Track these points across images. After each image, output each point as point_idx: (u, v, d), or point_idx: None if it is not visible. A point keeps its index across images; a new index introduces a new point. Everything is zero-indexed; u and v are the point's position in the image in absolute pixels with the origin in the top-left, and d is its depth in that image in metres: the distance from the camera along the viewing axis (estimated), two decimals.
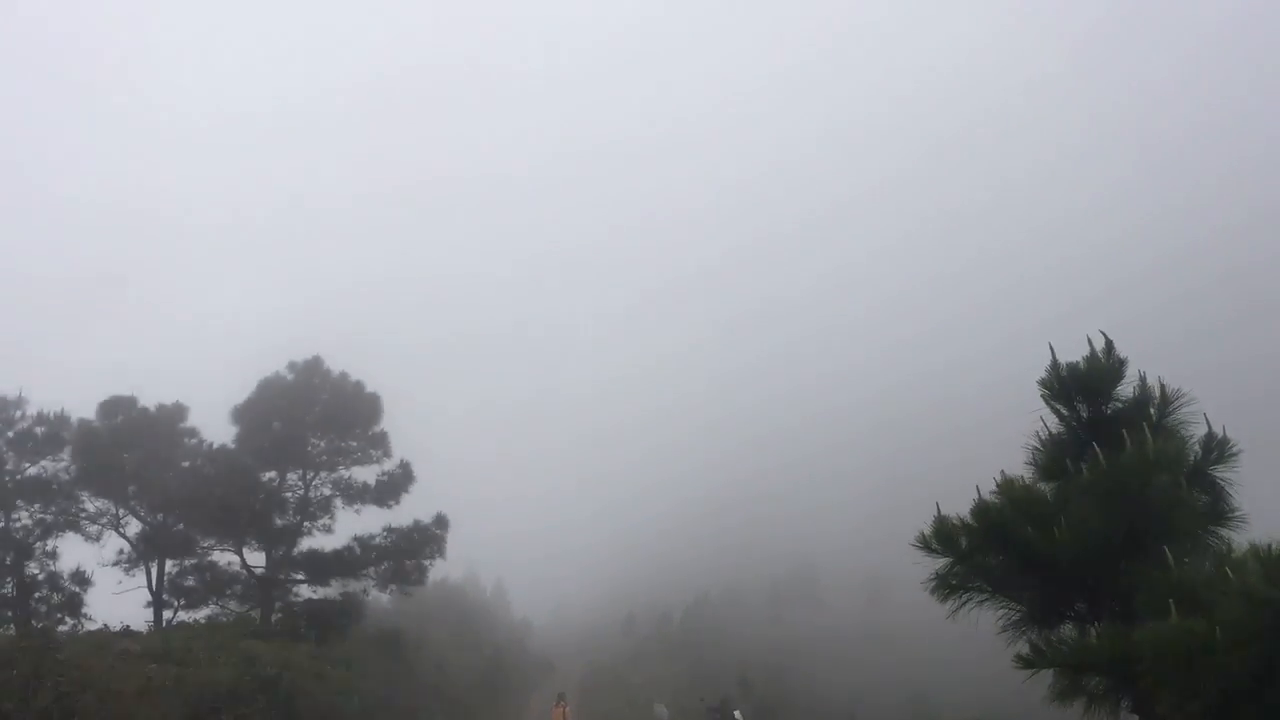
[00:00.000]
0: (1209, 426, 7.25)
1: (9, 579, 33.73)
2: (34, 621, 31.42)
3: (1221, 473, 7.25)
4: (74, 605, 33.29)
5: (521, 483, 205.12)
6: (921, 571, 7.71)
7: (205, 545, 38.64)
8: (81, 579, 34.17)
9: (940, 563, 7.52)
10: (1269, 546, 5.84)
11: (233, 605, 38.85)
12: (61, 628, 30.97)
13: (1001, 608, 7.40)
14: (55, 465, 37.25)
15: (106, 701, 16.53)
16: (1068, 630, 7.17)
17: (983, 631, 7.77)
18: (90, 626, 31.79)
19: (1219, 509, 7.18)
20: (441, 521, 39.76)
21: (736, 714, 28.00)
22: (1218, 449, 7.22)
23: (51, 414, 37.53)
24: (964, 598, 7.46)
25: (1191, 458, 7.19)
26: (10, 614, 32.89)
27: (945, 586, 7.48)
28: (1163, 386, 7.41)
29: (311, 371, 40.38)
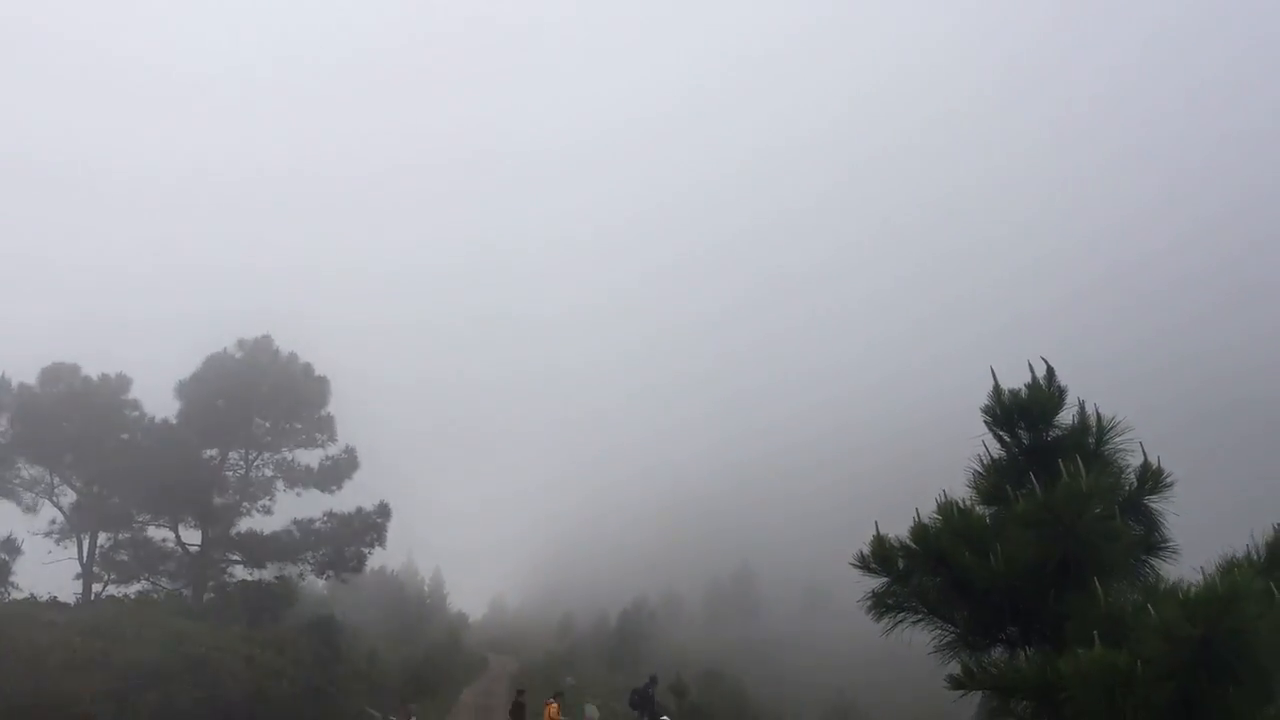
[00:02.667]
0: (1145, 456, 7.39)
1: None
2: None
3: (1155, 502, 7.40)
4: (1, 573, 32.72)
5: (463, 477, 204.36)
6: (859, 583, 7.80)
7: (140, 520, 38.17)
8: (11, 546, 33.61)
9: (877, 582, 7.61)
10: (1188, 587, 5.99)
11: (164, 582, 38.38)
12: None
13: (935, 629, 7.49)
14: None
15: (30, 672, 16.27)
16: (999, 654, 7.28)
17: (916, 650, 7.88)
18: (17, 595, 31.25)
19: (1151, 540, 7.32)
20: (384, 510, 39.61)
21: (665, 719, 28.04)
22: (1152, 479, 7.35)
23: None
24: (899, 617, 7.54)
25: (1126, 487, 7.33)
26: None
27: (881, 605, 7.56)
28: (1099, 416, 7.55)
29: (260, 350, 40.00)
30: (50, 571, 35.92)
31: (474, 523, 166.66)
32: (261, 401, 39.17)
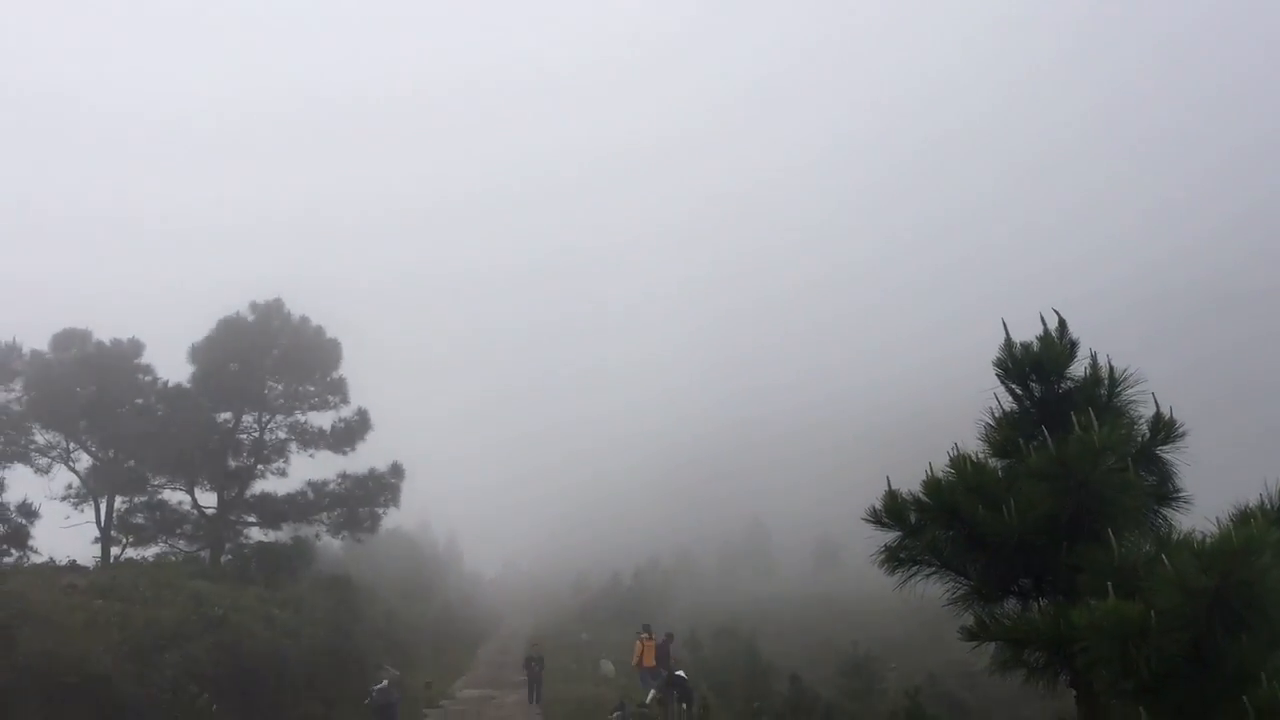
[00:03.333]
0: (1157, 407, 7.37)
1: None
2: None
3: (1168, 453, 7.39)
4: (20, 537, 32.95)
5: (478, 435, 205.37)
6: (871, 540, 7.82)
7: (156, 483, 38.40)
8: (29, 511, 33.80)
9: (890, 536, 7.63)
10: (1203, 537, 5.98)
11: (182, 545, 38.68)
12: (6, 559, 30.70)
13: (948, 582, 7.52)
14: (6, 395, 36.75)
15: (50, 634, 16.45)
16: (1011, 605, 7.31)
17: (929, 604, 7.91)
18: (36, 559, 31.51)
19: (1164, 490, 7.32)
20: (397, 470, 39.76)
21: (680, 673, 28.24)
22: (1164, 430, 7.34)
23: (3, 342, 36.95)
24: (912, 571, 7.57)
25: (1139, 439, 7.31)
26: None
27: (894, 560, 7.59)
28: (1111, 367, 7.52)
29: (272, 313, 40.01)
30: (69, 535, 36.24)
31: (488, 483, 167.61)
32: (274, 364, 39.25)
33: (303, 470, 39.52)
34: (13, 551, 32.34)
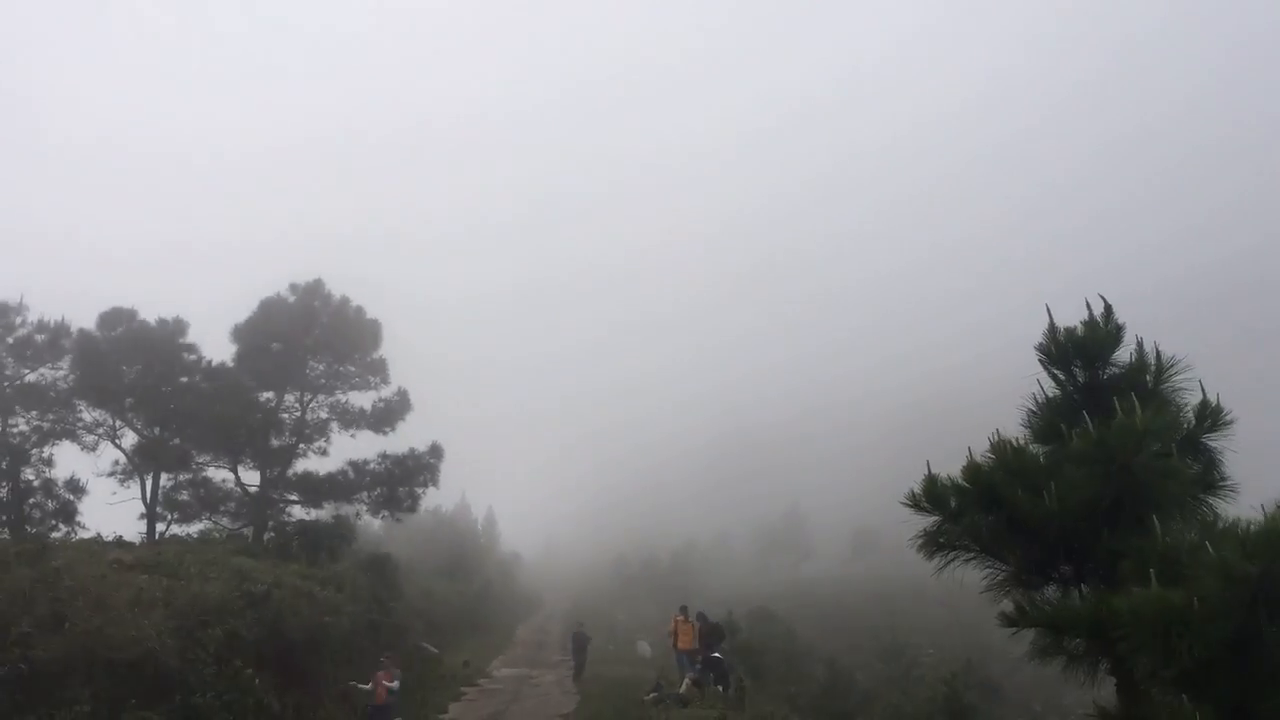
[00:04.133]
0: (1204, 394, 7.26)
1: (4, 484, 33.90)
2: (28, 527, 31.70)
3: (1214, 440, 7.28)
4: (68, 513, 33.50)
5: (518, 418, 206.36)
6: (908, 526, 7.78)
7: (200, 461, 38.86)
8: (76, 487, 34.35)
9: (929, 521, 7.57)
10: (1248, 525, 5.90)
11: (225, 522, 39.18)
12: (55, 535, 31.21)
13: (987, 567, 7.47)
14: (54, 373, 37.26)
15: (98, 609, 16.72)
16: (1051, 592, 7.25)
17: (967, 589, 7.87)
18: (83, 535, 32.02)
19: (1210, 478, 7.22)
20: (436, 451, 39.98)
21: (717, 654, 28.28)
22: (1211, 416, 7.23)
23: (52, 321, 37.45)
24: (950, 556, 7.52)
25: (1185, 425, 7.21)
26: (5, 518, 33.14)
27: (933, 544, 7.54)
28: (1158, 353, 7.41)
29: (313, 294, 40.31)
30: (115, 512, 36.77)
31: (527, 464, 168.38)
32: (315, 344, 39.57)
33: (344, 450, 39.93)
34: (61, 527, 32.92)
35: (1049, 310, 7.71)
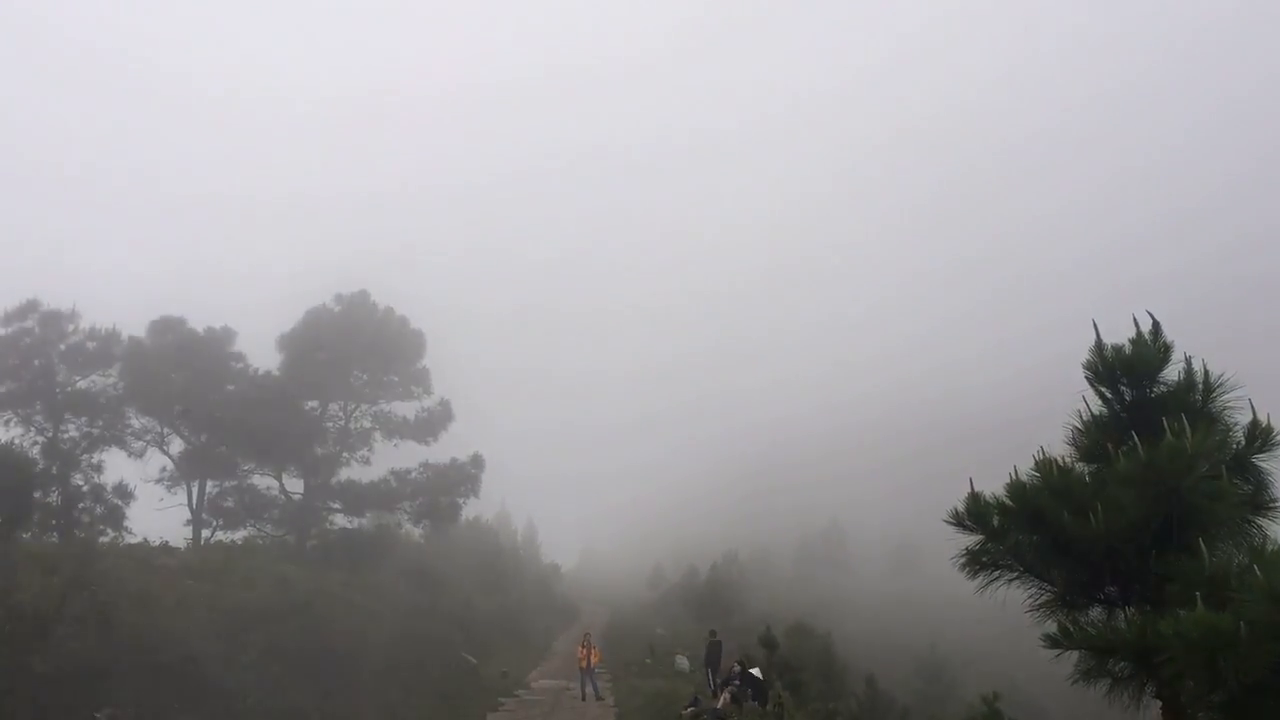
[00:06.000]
0: (1254, 413, 7.12)
1: (54, 488, 34.49)
2: (76, 531, 32.20)
3: (1264, 461, 7.14)
4: (115, 518, 34.01)
5: (558, 429, 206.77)
6: (950, 543, 7.70)
7: (246, 468, 39.35)
8: (124, 493, 34.86)
9: (971, 539, 7.49)
10: None
11: (269, 529, 39.61)
12: (102, 539, 31.64)
13: (1031, 587, 7.37)
14: (104, 380, 37.89)
15: (142, 612, 16.96)
16: (1096, 614, 7.15)
17: (1010, 609, 7.78)
18: (130, 540, 32.47)
19: (1260, 499, 7.08)
20: (478, 461, 40.22)
21: (755, 671, 28.09)
22: (1261, 437, 7.09)
23: (103, 329, 38.11)
24: (993, 575, 7.43)
25: (1234, 446, 7.09)
26: (54, 522, 33.69)
27: (975, 563, 7.45)
28: (1206, 371, 7.29)
29: (358, 305, 40.75)
30: (162, 517, 37.30)
31: (567, 476, 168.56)
32: (359, 354, 39.97)
33: (386, 459, 40.24)
34: (109, 531, 33.42)
35: (1096, 327, 7.61)
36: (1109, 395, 7.60)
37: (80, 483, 35.42)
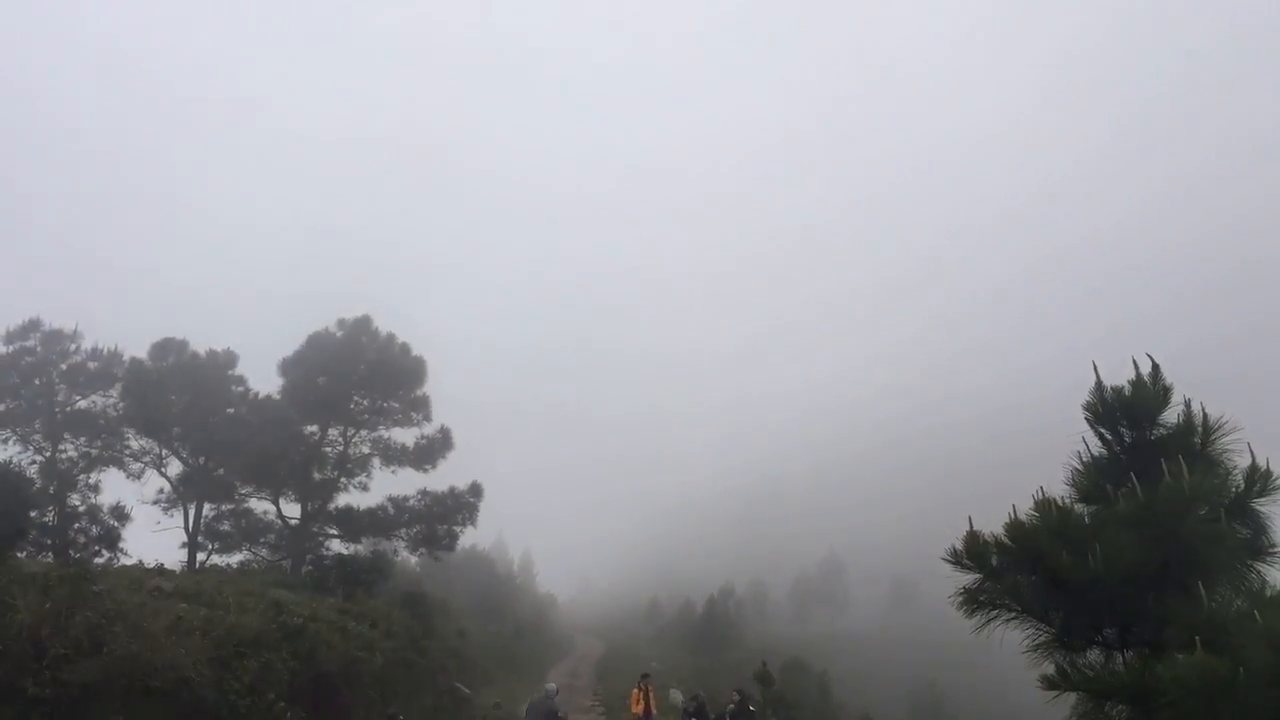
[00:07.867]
0: (1253, 457, 7.13)
1: (51, 508, 34.44)
2: (71, 551, 32.11)
3: (1264, 505, 7.15)
4: (111, 539, 33.92)
5: (557, 461, 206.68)
6: (947, 580, 7.69)
7: (243, 492, 39.28)
8: (121, 514, 34.80)
9: (969, 577, 7.49)
10: None
11: (264, 553, 39.51)
12: (98, 560, 31.57)
13: (1029, 628, 7.36)
14: (104, 400, 37.96)
15: (136, 635, 16.86)
16: (1094, 656, 7.14)
17: (1007, 649, 7.76)
18: (126, 561, 32.37)
19: (1259, 543, 7.08)
20: (476, 490, 40.13)
21: (752, 708, 27.94)
22: (1261, 481, 7.10)
23: (104, 350, 38.18)
24: (991, 614, 7.43)
25: (1233, 489, 7.10)
26: (50, 542, 33.61)
27: (973, 602, 7.45)
28: (1205, 414, 7.31)
29: (360, 330, 40.81)
30: (158, 539, 37.15)
31: (565, 507, 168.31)
32: (360, 380, 39.98)
33: (384, 485, 40.17)
34: (104, 553, 33.31)
35: (1096, 369, 7.65)
36: (1109, 437, 7.63)
37: (77, 503, 35.35)
